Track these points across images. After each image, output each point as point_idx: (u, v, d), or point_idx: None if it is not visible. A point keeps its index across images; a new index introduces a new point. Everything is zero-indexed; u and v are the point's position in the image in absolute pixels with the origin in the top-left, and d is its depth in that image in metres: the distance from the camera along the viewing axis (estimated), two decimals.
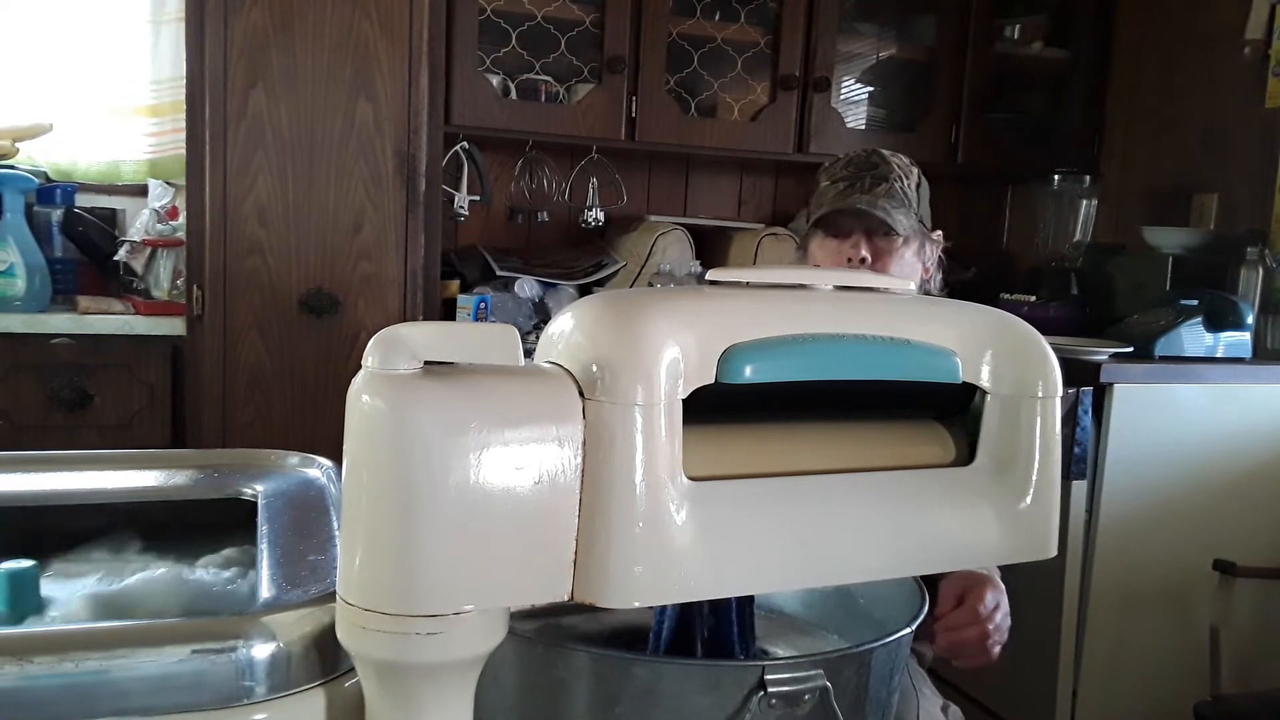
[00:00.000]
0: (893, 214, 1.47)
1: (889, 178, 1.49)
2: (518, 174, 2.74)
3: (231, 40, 2.01)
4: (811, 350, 0.65)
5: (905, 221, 1.48)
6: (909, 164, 1.54)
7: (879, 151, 1.54)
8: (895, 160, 1.52)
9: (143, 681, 0.62)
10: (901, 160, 1.54)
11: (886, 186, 1.48)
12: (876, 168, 1.51)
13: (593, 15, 2.53)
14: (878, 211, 1.47)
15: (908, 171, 1.52)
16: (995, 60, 2.91)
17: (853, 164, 1.53)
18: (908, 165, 1.54)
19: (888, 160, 1.52)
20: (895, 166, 1.51)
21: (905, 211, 1.49)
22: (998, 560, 0.73)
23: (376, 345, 0.57)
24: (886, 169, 1.50)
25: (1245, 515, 2.31)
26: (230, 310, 2.07)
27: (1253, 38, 2.51)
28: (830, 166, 1.56)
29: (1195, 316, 2.28)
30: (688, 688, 0.71)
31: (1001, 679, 2.37)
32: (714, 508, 0.62)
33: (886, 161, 1.52)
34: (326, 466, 1.06)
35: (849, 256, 1.51)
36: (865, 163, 1.52)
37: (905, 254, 1.51)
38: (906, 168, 1.53)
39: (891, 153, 1.55)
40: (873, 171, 1.50)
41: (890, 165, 1.51)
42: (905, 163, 1.54)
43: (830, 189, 1.52)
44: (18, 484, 0.98)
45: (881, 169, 1.50)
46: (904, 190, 1.50)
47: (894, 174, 1.50)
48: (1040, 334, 0.74)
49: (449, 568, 0.56)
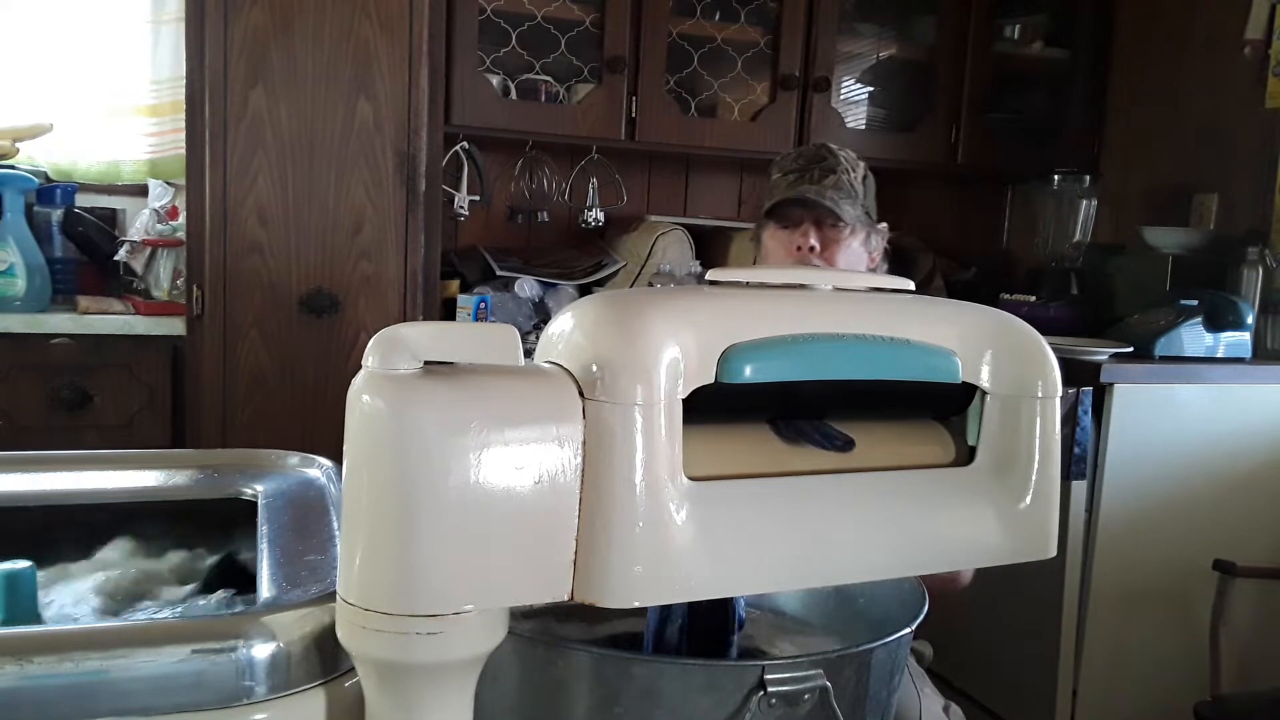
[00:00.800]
0: (840, 204, 1.56)
1: (836, 170, 1.58)
2: (518, 174, 2.74)
3: (231, 40, 2.01)
4: (811, 350, 0.65)
5: (851, 211, 1.57)
6: (855, 158, 1.63)
7: (827, 145, 1.64)
8: (843, 154, 1.62)
9: (143, 681, 0.62)
10: (849, 154, 1.63)
11: (834, 178, 1.57)
12: (824, 160, 1.60)
13: (593, 15, 2.53)
14: (826, 201, 1.55)
15: (854, 165, 1.61)
16: (995, 60, 2.91)
17: (802, 157, 1.63)
18: (854, 159, 1.63)
19: (835, 154, 1.61)
20: (843, 159, 1.60)
21: (852, 202, 1.57)
22: (998, 560, 0.73)
23: (376, 345, 0.57)
24: (834, 161, 1.59)
25: (1245, 515, 2.31)
26: (230, 310, 2.07)
27: (1253, 38, 2.52)
28: (781, 160, 1.66)
29: (1195, 316, 2.28)
30: (688, 687, 0.71)
31: (1001, 679, 2.37)
32: (714, 508, 0.62)
33: (834, 154, 1.61)
34: (326, 466, 1.06)
35: (798, 245, 1.60)
36: (814, 156, 1.61)
37: (852, 243, 1.59)
38: (853, 161, 1.62)
39: (839, 147, 1.64)
40: (821, 164, 1.59)
41: (838, 158, 1.60)
42: (852, 157, 1.63)
43: (781, 181, 1.61)
44: (18, 484, 0.98)
45: (829, 161, 1.59)
46: (850, 182, 1.58)
47: (841, 166, 1.59)
48: (1040, 334, 0.74)
49: (449, 567, 0.56)
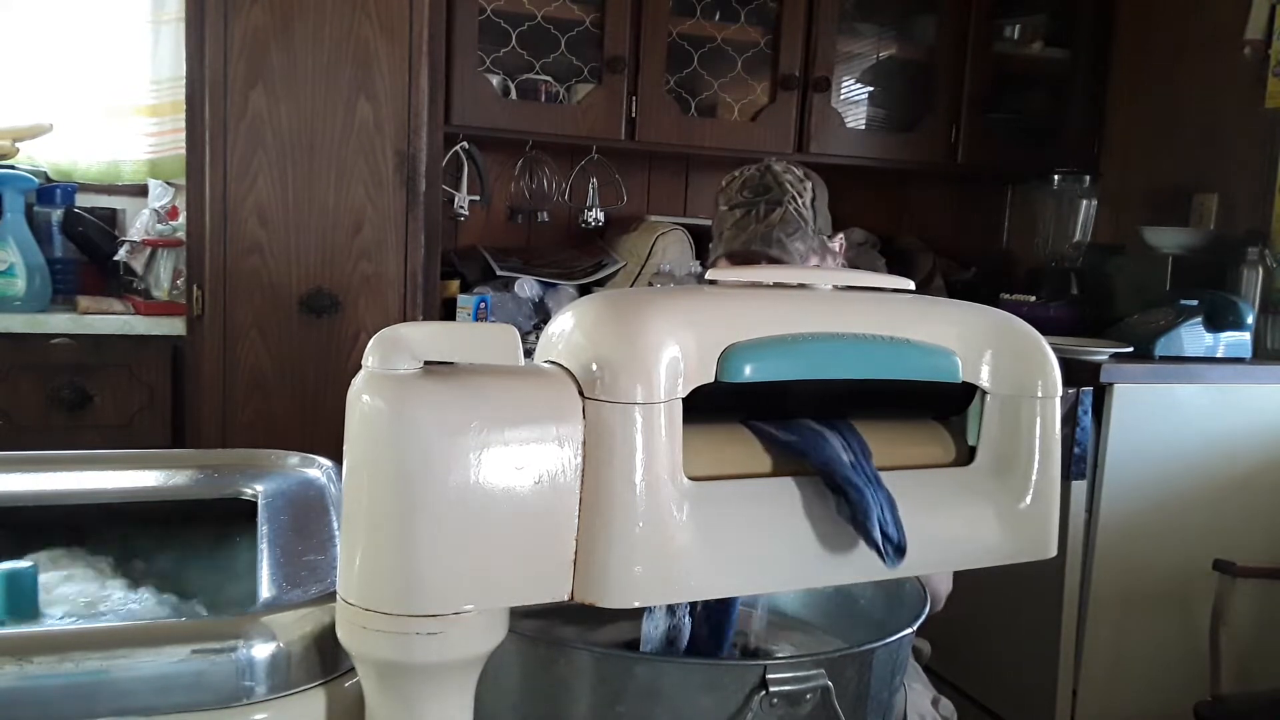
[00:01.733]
0: (788, 244, 1.48)
1: (783, 200, 1.50)
2: (518, 174, 2.74)
3: (231, 40, 2.01)
4: (811, 349, 0.65)
5: (802, 247, 1.49)
6: (801, 178, 1.54)
7: (771, 169, 1.54)
8: (788, 178, 1.52)
9: (143, 681, 0.62)
10: (794, 175, 1.53)
11: (781, 212, 1.49)
12: (770, 191, 1.51)
13: (593, 15, 2.53)
14: (774, 250, 1.48)
15: (801, 190, 1.52)
16: (995, 60, 2.91)
17: (747, 186, 1.53)
18: (799, 180, 1.53)
19: (780, 180, 1.52)
20: (789, 185, 1.51)
21: (802, 235, 1.49)
22: (998, 560, 0.73)
23: (376, 345, 0.57)
24: (779, 192, 1.51)
25: (1245, 515, 2.31)
26: (230, 310, 2.07)
27: (1253, 38, 2.51)
28: (727, 187, 1.57)
29: (1195, 316, 2.28)
30: (689, 687, 0.71)
31: (1001, 679, 2.37)
32: (714, 508, 0.62)
33: (779, 182, 1.52)
34: (326, 466, 1.06)
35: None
36: (759, 185, 1.52)
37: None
38: (799, 183, 1.53)
39: (784, 168, 1.54)
40: (766, 196, 1.51)
41: (784, 186, 1.51)
42: (798, 177, 1.54)
43: (728, 216, 1.53)
44: (18, 484, 0.98)
45: (774, 193, 1.51)
46: (798, 211, 1.50)
47: (788, 195, 1.50)
48: (1040, 334, 0.74)
49: (449, 568, 0.56)
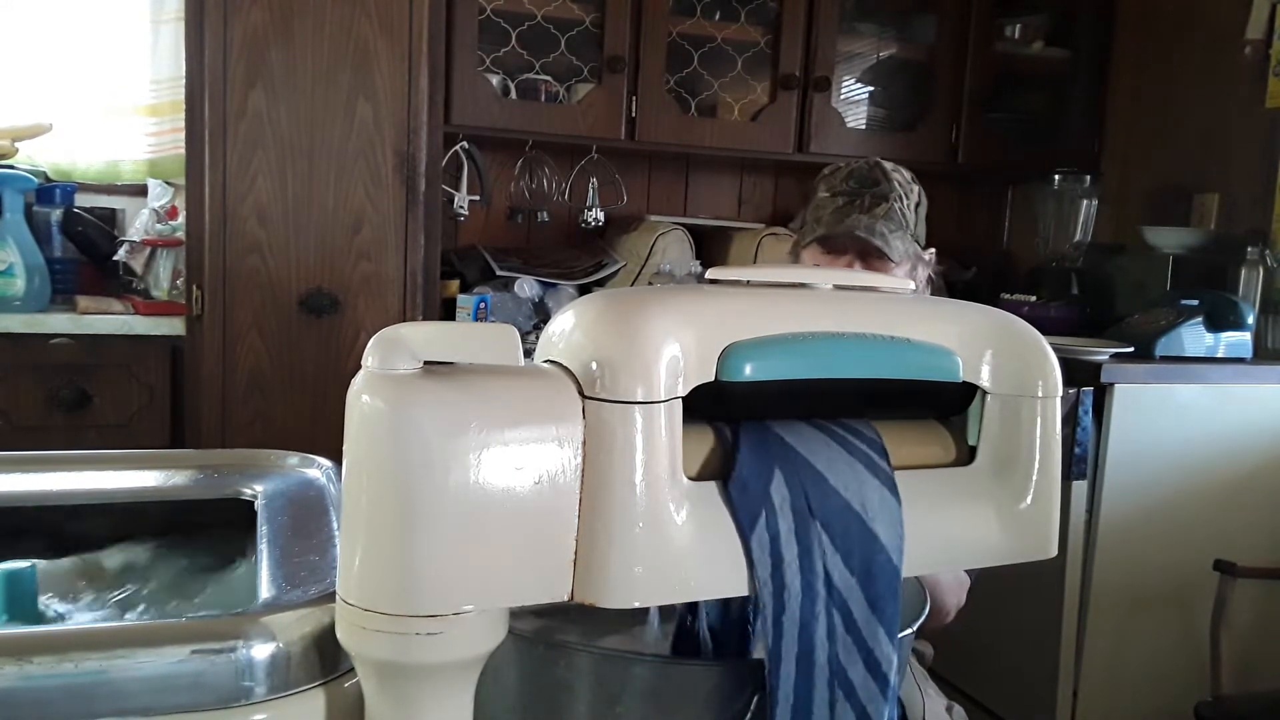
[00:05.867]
0: (890, 239, 1.43)
1: (889, 197, 1.44)
2: (518, 174, 2.74)
3: (231, 40, 2.01)
4: (811, 348, 0.64)
5: (901, 247, 1.44)
6: (909, 180, 1.49)
7: (881, 165, 1.49)
8: (897, 177, 1.47)
9: (143, 682, 0.62)
10: (903, 176, 1.49)
11: (886, 207, 1.43)
12: (878, 185, 1.45)
13: (593, 15, 2.53)
14: (876, 240, 1.42)
15: (908, 190, 1.47)
16: (995, 60, 2.91)
17: (854, 177, 1.48)
18: (908, 182, 1.49)
19: (889, 177, 1.47)
20: (897, 184, 1.46)
21: (902, 235, 1.44)
22: (998, 560, 0.73)
23: (376, 345, 0.57)
24: (888, 187, 1.45)
25: (1245, 515, 2.31)
26: (230, 310, 2.07)
27: (1253, 38, 2.51)
28: (830, 175, 1.51)
29: (1196, 316, 2.28)
30: (689, 687, 0.71)
31: (1002, 679, 2.37)
32: (714, 508, 0.62)
33: (888, 178, 1.47)
34: (326, 467, 1.06)
35: None
36: (867, 178, 1.47)
37: (897, 274, 1.44)
38: (907, 185, 1.48)
39: (894, 167, 1.50)
40: (874, 189, 1.45)
41: (892, 183, 1.46)
42: (906, 179, 1.49)
43: (829, 202, 1.47)
44: (18, 484, 0.98)
45: (883, 187, 1.45)
46: (903, 211, 1.45)
47: (895, 193, 1.45)
48: (1040, 334, 0.74)
49: (449, 568, 0.56)
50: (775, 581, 0.63)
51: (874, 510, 0.66)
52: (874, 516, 0.66)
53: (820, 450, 0.67)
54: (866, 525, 0.66)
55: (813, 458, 0.66)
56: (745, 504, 0.63)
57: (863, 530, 0.66)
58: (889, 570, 0.66)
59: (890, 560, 0.66)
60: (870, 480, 0.67)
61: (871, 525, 0.66)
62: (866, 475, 0.67)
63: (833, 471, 0.66)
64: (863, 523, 0.66)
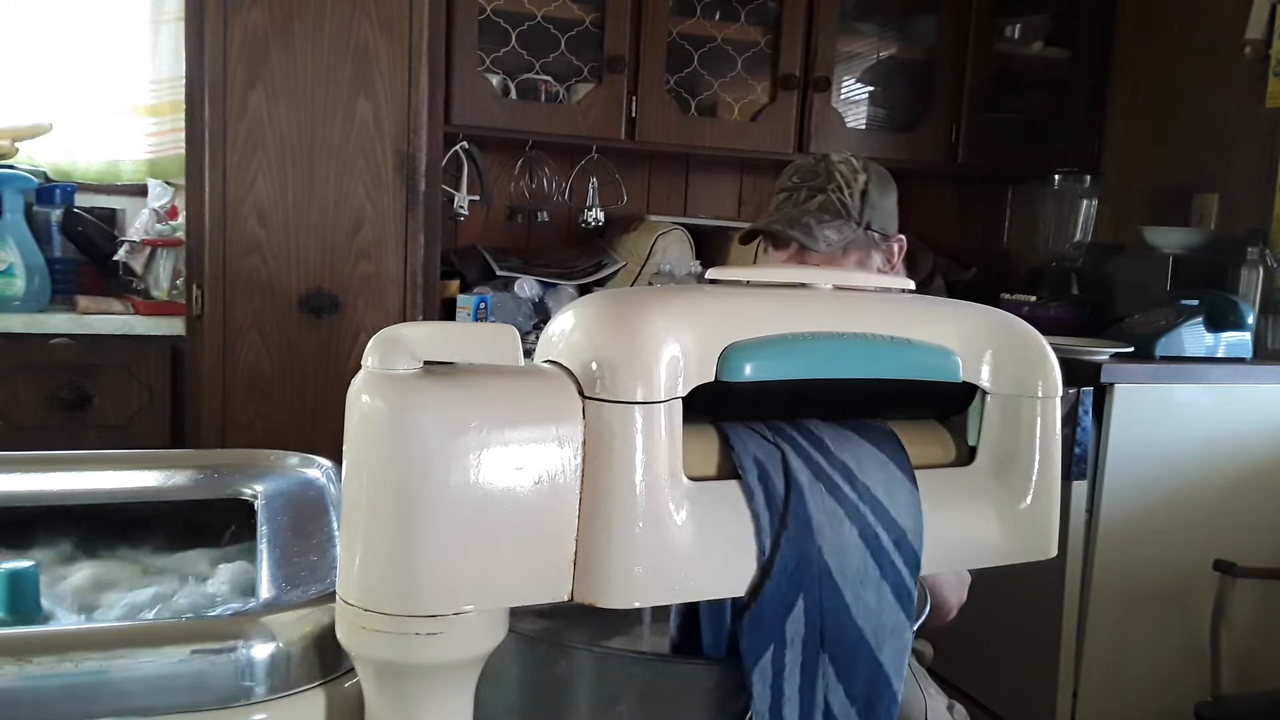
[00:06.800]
0: (816, 230, 1.45)
1: (826, 189, 1.48)
2: (518, 174, 2.74)
3: (231, 40, 2.01)
4: (811, 348, 0.64)
5: (835, 236, 1.46)
6: (857, 168, 1.51)
7: (828, 158, 1.53)
8: (841, 168, 1.50)
9: (143, 681, 0.62)
10: (850, 165, 1.51)
11: (822, 199, 1.47)
12: (816, 178, 1.49)
13: (593, 15, 2.53)
14: (794, 231, 1.46)
15: (851, 179, 1.49)
16: (995, 60, 2.91)
17: (799, 172, 1.53)
18: (854, 171, 1.50)
19: (832, 169, 1.50)
20: (838, 175, 1.49)
21: (838, 225, 1.46)
22: (998, 560, 0.73)
23: (376, 345, 0.57)
24: (825, 180, 1.49)
25: (1245, 515, 2.31)
26: (230, 310, 2.07)
27: (1253, 38, 2.51)
28: (786, 171, 1.57)
29: (1196, 316, 2.28)
30: (689, 687, 0.71)
31: (1002, 679, 2.37)
32: (714, 508, 0.62)
33: (830, 170, 1.50)
34: (326, 467, 1.06)
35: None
36: (810, 171, 1.51)
37: (845, 264, 1.48)
38: (851, 175, 1.49)
39: (843, 158, 1.52)
40: (812, 182, 1.49)
41: (832, 174, 1.49)
42: (853, 168, 1.50)
43: (775, 198, 1.54)
44: (18, 484, 0.98)
45: (820, 180, 1.49)
46: (841, 201, 1.47)
47: (834, 184, 1.48)
48: (1040, 334, 0.74)
49: (449, 568, 0.56)
50: (773, 715, 0.64)
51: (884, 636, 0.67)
52: (881, 643, 0.67)
53: (853, 560, 0.66)
54: (874, 655, 0.67)
55: (843, 580, 0.66)
56: (756, 638, 0.64)
57: (870, 660, 0.67)
58: (889, 696, 0.68)
59: (890, 685, 0.68)
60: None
61: (878, 654, 0.67)
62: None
63: (859, 600, 0.66)
64: (871, 653, 0.67)
